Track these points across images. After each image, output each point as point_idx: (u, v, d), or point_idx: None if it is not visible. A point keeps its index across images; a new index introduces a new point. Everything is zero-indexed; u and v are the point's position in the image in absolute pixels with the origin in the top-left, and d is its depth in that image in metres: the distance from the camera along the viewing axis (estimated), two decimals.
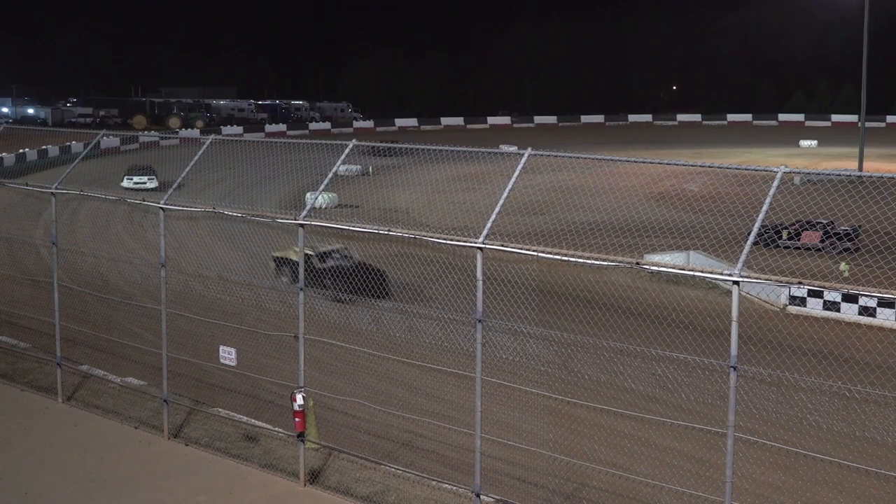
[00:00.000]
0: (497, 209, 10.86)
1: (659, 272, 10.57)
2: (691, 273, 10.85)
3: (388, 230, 11.86)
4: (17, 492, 12.39)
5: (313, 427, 13.07)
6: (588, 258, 10.31)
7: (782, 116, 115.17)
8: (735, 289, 9.27)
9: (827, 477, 12.60)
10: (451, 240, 11.46)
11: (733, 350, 9.29)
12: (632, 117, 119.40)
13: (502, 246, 10.74)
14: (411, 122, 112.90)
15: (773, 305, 25.67)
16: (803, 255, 29.71)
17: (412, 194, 40.01)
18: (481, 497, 11.35)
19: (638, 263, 10.12)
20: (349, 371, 15.72)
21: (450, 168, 41.98)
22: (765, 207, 9.34)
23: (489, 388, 11.42)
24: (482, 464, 11.29)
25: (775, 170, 9.42)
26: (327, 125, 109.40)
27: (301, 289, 12.38)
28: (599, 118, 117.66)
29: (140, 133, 73.08)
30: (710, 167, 10.99)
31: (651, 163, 11.59)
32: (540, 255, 10.57)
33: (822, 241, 31.32)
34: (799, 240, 31.47)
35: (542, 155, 11.27)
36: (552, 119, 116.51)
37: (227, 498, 12.31)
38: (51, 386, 16.07)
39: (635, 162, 11.84)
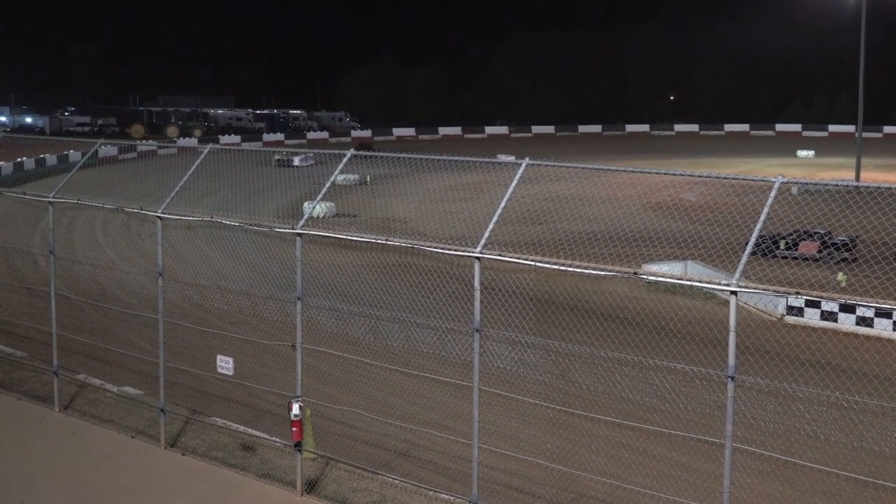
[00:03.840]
0: (495, 218, 10.86)
1: (657, 282, 10.58)
2: (689, 283, 10.85)
3: (386, 239, 11.85)
4: (14, 501, 12.36)
5: (310, 437, 13.05)
6: (586, 268, 10.30)
7: (779, 126, 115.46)
8: (733, 299, 9.26)
9: (825, 487, 12.58)
10: (449, 249, 11.45)
11: (731, 360, 9.29)
12: (629, 127, 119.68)
13: (500, 255, 10.74)
14: (409, 131, 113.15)
15: (770, 315, 25.67)
16: (801, 266, 29.73)
17: (410, 204, 40.06)
18: None
19: (636, 273, 10.11)
20: (346, 380, 15.70)
21: (447, 178, 42.03)
22: (762, 217, 9.34)
23: (487, 397, 11.41)
24: (479, 474, 11.27)
25: (773, 180, 9.43)
26: (325, 134, 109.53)
27: (298, 298, 12.37)
28: (597, 128, 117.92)
29: (138, 142, 73.10)
30: (707, 177, 11.00)
31: (649, 172, 11.62)
32: (538, 264, 10.57)
33: (820, 252, 31.34)
34: (796, 250, 31.50)
35: (539, 164, 11.28)
36: (550, 129, 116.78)
37: None
38: (47, 395, 16.03)
39: (633, 172, 11.86)
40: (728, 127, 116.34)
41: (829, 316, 24.57)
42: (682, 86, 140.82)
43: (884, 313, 23.41)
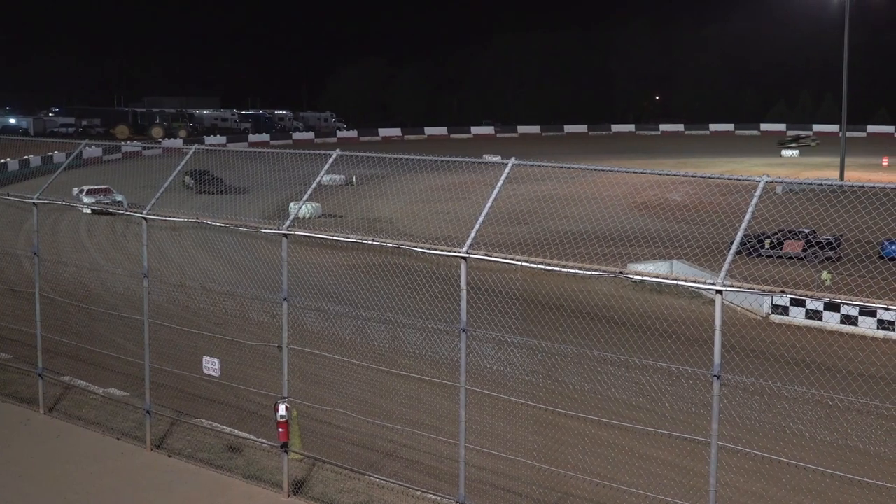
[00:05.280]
0: (481, 218, 10.86)
1: (642, 281, 10.59)
2: (675, 282, 10.88)
3: (372, 240, 11.84)
4: None
5: (297, 437, 13.03)
6: (572, 267, 10.31)
7: (764, 126, 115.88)
8: (718, 298, 9.30)
9: (809, 485, 12.64)
10: (436, 249, 11.45)
11: (716, 359, 9.32)
12: (615, 127, 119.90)
13: (486, 255, 10.74)
14: (395, 131, 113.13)
15: (755, 314, 25.77)
16: (786, 264, 29.87)
17: (396, 204, 40.03)
18: None
19: (621, 273, 10.13)
20: (333, 381, 15.67)
21: (433, 178, 41.98)
22: (747, 217, 9.37)
23: (473, 397, 11.42)
24: (466, 474, 11.27)
25: (758, 179, 9.46)
26: (311, 135, 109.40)
27: (284, 299, 12.35)
28: (583, 128, 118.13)
29: (123, 143, 72.81)
30: (692, 177, 11.03)
31: (634, 172, 11.65)
32: (524, 264, 10.58)
33: (805, 251, 31.50)
34: (781, 249, 31.64)
35: (525, 164, 11.29)
36: (536, 129, 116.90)
37: None
38: (32, 397, 15.95)
39: (619, 171, 11.87)
40: (713, 126, 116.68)
41: (813, 314, 24.69)
42: (667, 86, 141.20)
43: (868, 312, 23.55)
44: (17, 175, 45.72)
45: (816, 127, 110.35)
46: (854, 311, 24.01)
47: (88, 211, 40.78)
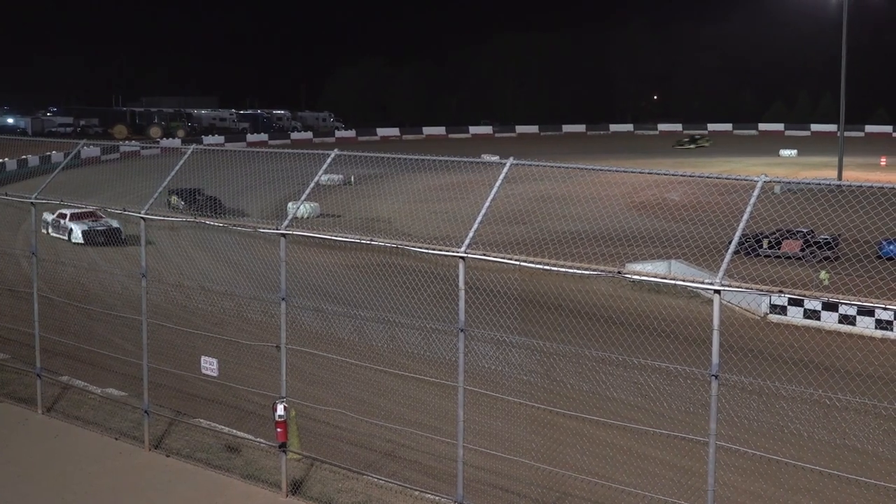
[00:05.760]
0: (479, 218, 10.86)
1: (641, 281, 10.59)
2: (673, 282, 10.89)
3: (371, 240, 11.84)
4: None
5: (295, 437, 13.04)
6: (570, 267, 10.31)
7: (762, 126, 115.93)
8: (716, 298, 9.30)
9: (808, 485, 12.65)
10: (434, 249, 11.45)
11: (714, 359, 9.32)
12: (613, 127, 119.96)
13: (485, 255, 10.74)
14: (393, 131, 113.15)
15: (753, 314, 25.78)
16: (784, 264, 29.88)
17: (394, 204, 40.02)
18: None
19: (620, 272, 10.14)
20: (331, 381, 15.67)
21: (432, 177, 41.99)
22: (745, 216, 9.38)
23: (472, 397, 11.42)
24: (465, 474, 11.27)
25: (756, 179, 9.47)
26: (309, 135, 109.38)
27: (283, 298, 12.35)
28: (581, 127, 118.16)
29: (121, 142, 72.80)
30: (691, 176, 11.04)
31: (632, 172, 11.66)
32: (522, 264, 10.58)
33: (803, 250, 31.50)
34: (779, 248, 31.65)
35: (524, 164, 11.29)
36: (534, 129, 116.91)
37: None
38: (30, 397, 15.94)
39: (617, 171, 11.86)
40: (711, 126, 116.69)
41: (811, 314, 24.70)
42: (666, 86, 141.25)
43: (866, 311, 23.57)
44: (15, 175, 45.68)
45: (815, 126, 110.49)
46: (852, 311, 24.03)
47: (80, 240, 36.02)
